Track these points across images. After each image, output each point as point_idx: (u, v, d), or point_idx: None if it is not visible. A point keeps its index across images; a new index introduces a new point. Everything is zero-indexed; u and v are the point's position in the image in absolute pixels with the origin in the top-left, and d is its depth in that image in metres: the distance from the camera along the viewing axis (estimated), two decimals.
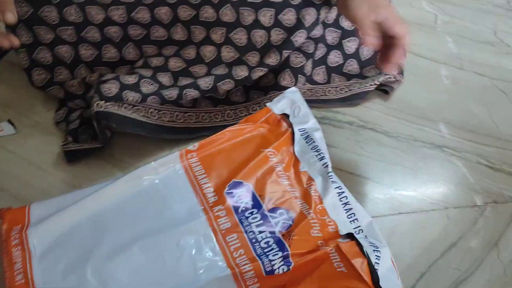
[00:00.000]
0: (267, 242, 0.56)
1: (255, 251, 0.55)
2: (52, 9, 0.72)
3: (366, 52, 0.86)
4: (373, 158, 0.76)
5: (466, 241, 0.66)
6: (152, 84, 0.73)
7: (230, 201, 0.58)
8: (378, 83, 0.81)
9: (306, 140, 0.65)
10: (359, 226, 0.58)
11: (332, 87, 0.83)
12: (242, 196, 0.59)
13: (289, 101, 0.68)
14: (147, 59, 0.76)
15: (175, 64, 0.76)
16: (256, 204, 0.59)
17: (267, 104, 0.67)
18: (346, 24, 0.83)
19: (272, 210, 0.59)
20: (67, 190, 0.64)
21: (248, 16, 0.74)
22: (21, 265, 0.52)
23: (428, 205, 0.70)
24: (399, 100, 0.85)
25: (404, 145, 0.78)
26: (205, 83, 0.74)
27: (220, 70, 0.76)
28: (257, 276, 0.54)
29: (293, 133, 0.65)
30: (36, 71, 0.75)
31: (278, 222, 0.58)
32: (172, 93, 0.73)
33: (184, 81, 0.74)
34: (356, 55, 0.85)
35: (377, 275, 0.52)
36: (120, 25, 0.75)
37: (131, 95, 0.70)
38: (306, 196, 0.61)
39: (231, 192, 0.59)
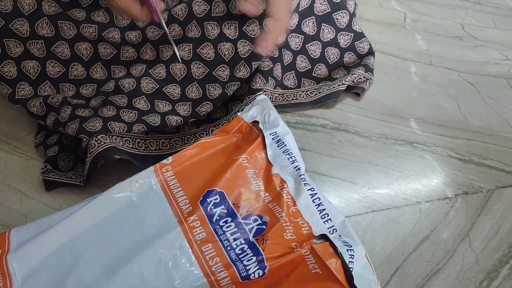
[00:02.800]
0: (241, 249, 0.58)
1: (230, 258, 0.57)
2: (25, 22, 0.73)
3: (333, 57, 0.88)
4: (346, 159, 0.78)
5: (438, 233, 0.68)
6: (131, 113, 0.74)
7: (204, 211, 0.60)
8: (346, 82, 0.83)
9: (277, 144, 0.67)
10: (333, 226, 0.60)
11: (302, 91, 0.85)
12: (216, 205, 0.61)
13: (259, 108, 0.70)
14: (118, 82, 0.77)
15: (147, 85, 0.78)
16: (230, 212, 0.61)
17: (238, 113, 0.70)
18: (307, 29, 0.85)
19: (246, 217, 0.61)
20: (49, 213, 0.65)
21: (212, 30, 0.76)
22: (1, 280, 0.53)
23: (401, 201, 0.72)
24: (371, 100, 0.87)
25: (376, 144, 0.80)
26: (184, 111, 0.76)
27: (195, 92, 0.78)
28: (233, 282, 0.55)
29: (264, 138, 0.67)
30: None
31: (252, 228, 0.60)
32: (155, 119, 0.74)
33: (161, 106, 0.76)
34: (323, 59, 0.87)
35: (351, 274, 0.54)
36: (90, 41, 0.76)
37: (116, 126, 0.71)
38: (278, 199, 0.62)
39: (205, 202, 0.61)
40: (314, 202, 0.62)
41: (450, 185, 0.74)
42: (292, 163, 0.65)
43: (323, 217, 0.61)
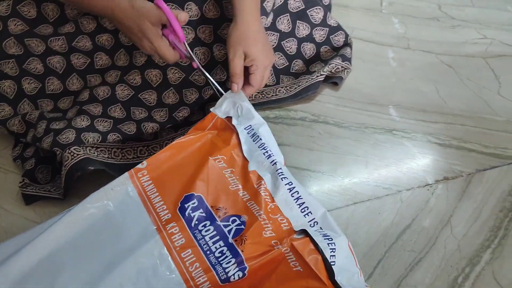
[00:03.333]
0: (221, 251, 0.57)
1: (210, 261, 0.56)
2: None
3: (309, 52, 0.87)
4: (326, 151, 0.77)
5: (420, 221, 0.68)
6: (106, 121, 0.73)
7: (183, 217, 0.59)
8: (324, 73, 0.82)
9: (252, 138, 0.66)
10: (314, 219, 0.60)
11: (281, 87, 0.84)
12: (194, 209, 0.61)
13: (230, 102, 0.69)
14: (93, 90, 0.76)
15: (122, 92, 0.77)
16: (209, 215, 0.60)
17: (211, 109, 0.69)
18: (282, 27, 0.84)
19: (225, 219, 0.60)
20: (29, 227, 0.65)
21: (187, 35, 0.74)
22: None
23: (382, 191, 0.72)
24: (349, 89, 0.86)
25: (356, 134, 0.80)
26: (161, 117, 0.76)
27: (171, 98, 0.77)
28: (213, 286, 0.55)
29: (239, 134, 0.66)
30: None
31: (231, 230, 0.59)
32: (130, 127, 0.74)
33: (137, 113, 0.75)
34: (299, 55, 0.87)
35: (333, 270, 0.54)
36: (61, 54, 0.75)
37: (90, 136, 0.70)
38: (256, 197, 0.62)
39: (184, 207, 0.60)
40: (293, 196, 0.62)
41: (430, 171, 0.74)
42: (268, 158, 0.65)
43: (303, 210, 0.61)
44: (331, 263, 0.55)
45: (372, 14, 1.00)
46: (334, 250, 0.56)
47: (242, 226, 0.59)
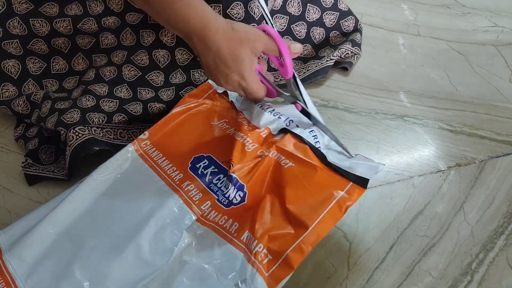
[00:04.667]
0: (222, 183, 0.58)
1: (223, 204, 0.56)
2: None
3: (318, 37, 0.86)
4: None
5: (432, 207, 0.67)
6: (112, 102, 0.72)
7: (196, 175, 0.59)
8: (334, 58, 0.81)
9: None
10: (288, 117, 0.61)
11: None
12: (206, 167, 0.60)
13: None
14: (99, 70, 0.74)
15: (129, 73, 0.75)
16: (222, 170, 0.59)
17: (209, 80, 0.67)
18: (292, 10, 0.82)
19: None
20: (33, 208, 0.63)
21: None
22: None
23: (393, 176, 0.71)
24: (359, 75, 0.85)
25: (366, 120, 0.78)
26: (168, 96, 0.74)
27: (179, 77, 0.75)
28: (221, 212, 0.55)
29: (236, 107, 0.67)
30: None
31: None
32: (136, 108, 0.72)
33: (144, 93, 0.74)
34: (308, 39, 0.85)
35: (323, 154, 0.55)
36: (66, 36, 0.73)
37: (95, 116, 0.69)
38: (236, 124, 0.62)
39: (195, 167, 0.60)
40: (263, 108, 0.62)
41: (442, 157, 0.73)
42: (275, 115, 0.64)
43: (274, 114, 0.62)
44: (318, 148, 0.56)
45: (382, 0, 0.99)
46: (316, 137, 0.58)
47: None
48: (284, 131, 0.59)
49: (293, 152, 0.56)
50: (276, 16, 0.81)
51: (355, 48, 0.84)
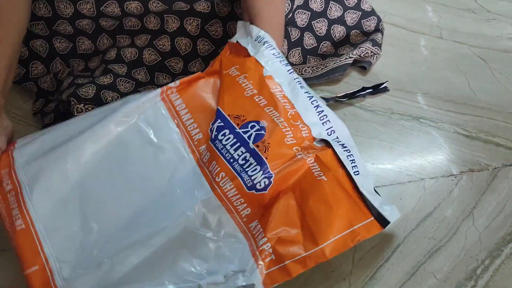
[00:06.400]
0: (244, 158, 0.57)
1: (235, 169, 0.56)
2: None
3: (338, 34, 0.86)
4: (351, 133, 0.76)
5: (442, 210, 0.67)
6: (128, 83, 0.73)
7: (216, 148, 0.59)
8: (353, 56, 0.81)
9: (265, 46, 0.65)
10: (331, 127, 0.61)
11: (308, 67, 0.83)
12: (213, 122, 0.60)
13: (241, 30, 0.69)
14: (121, 50, 0.75)
15: (150, 56, 0.76)
16: (227, 124, 0.59)
17: (229, 41, 0.68)
18: (315, 6, 0.82)
19: (243, 126, 0.59)
20: None
21: (223, 7, 0.73)
22: (18, 211, 0.54)
23: (405, 177, 0.71)
24: (377, 74, 0.85)
25: (382, 119, 0.78)
26: None
27: (197, 66, 0.76)
28: (240, 193, 0.55)
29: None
30: None
31: (251, 136, 0.58)
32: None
33: (161, 78, 0.74)
34: (328, 36, 0.85)
35: (354, 181, 0.55)
36: (90, 18, 0.74)
37: (109, 95, 0.70)
38: (274, 103, 0.61)
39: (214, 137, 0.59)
40: (313, 104, 0.62)
41: (455, 162, 0.73)
42: (285, 66, 0.64)
43: (321, 118, 0.61)
44: (355, 173, 0.56)
45: (406, 0, 0.98)
46: (354, 161, 0.58)
47: (262, 132, 0.58)
48: (326, 143, 0.59)
49: (330, 168, 0.55)
50: (298, 12, 0.82)
51: (375, 48, 0.84)
